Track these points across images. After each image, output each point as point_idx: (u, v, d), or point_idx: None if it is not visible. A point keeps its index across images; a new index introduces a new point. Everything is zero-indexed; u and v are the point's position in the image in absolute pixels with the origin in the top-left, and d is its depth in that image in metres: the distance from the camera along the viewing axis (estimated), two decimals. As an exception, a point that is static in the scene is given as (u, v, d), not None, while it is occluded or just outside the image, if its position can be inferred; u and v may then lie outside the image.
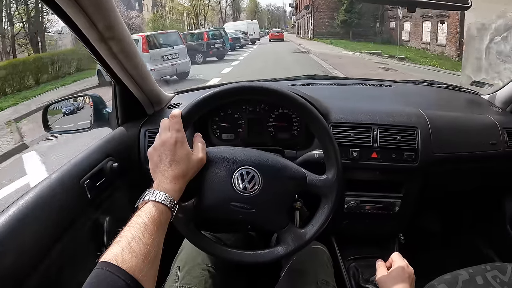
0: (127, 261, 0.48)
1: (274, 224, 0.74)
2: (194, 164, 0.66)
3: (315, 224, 0.73)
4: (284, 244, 0.73)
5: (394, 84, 1.42)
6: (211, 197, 0.71)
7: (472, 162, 1.08)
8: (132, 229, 0.53)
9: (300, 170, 0.73)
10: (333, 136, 0.73)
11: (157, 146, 0.66)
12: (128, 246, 0.50)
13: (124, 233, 0.53)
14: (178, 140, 0.65)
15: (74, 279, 0.81)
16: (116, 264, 0.48)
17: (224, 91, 0.73)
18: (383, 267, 0.81)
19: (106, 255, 0.49)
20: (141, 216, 0.56)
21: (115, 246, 0.50)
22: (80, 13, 0.72)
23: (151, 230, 0.54)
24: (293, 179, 0.72)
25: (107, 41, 0.82)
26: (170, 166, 0.64)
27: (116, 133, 1.08)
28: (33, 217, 0.70)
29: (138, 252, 0.50)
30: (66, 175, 0.83)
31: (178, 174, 0.64)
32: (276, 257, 0.72)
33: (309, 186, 0.72)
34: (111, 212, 0.96)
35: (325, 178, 0.73)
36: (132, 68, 0.96)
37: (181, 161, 0.64)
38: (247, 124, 1.12)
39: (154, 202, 0.59)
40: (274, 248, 0.73)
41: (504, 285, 0.81)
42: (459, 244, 1.52)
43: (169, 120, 0.68)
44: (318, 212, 0.74)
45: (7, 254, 0.62)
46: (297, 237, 0.72)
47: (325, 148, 0.74)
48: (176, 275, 0.83)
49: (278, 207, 0.72)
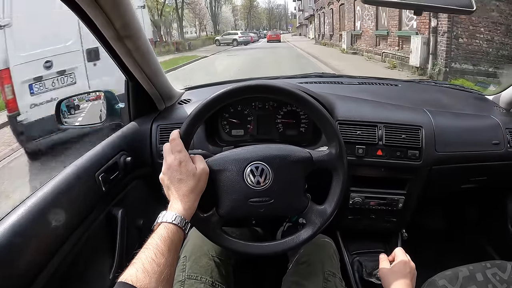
0: (141, 281, 0.52)
1: (295, 208, 0.76)
2: (199, 177, 0.70)
3: (332, 197, 0.75)
4: (310, 223, 0.75)
5: (400, 83, 1.43)
6: (229, 200, 0.73)
7: (475, 162, 1.10)
8: (146, 250, 0.57)
9: (305, 151, 0.75)
10: (332, 119, 0.75)
11: (165, 170, 0.70)
12: (142, 267, 0.54)
13: (139, 255, 0.57)
14: (182, 160, 0.69)
15: (89, 268, 0.85)
16: (131, 284, 0.51)
17: (218, 97, 0.73)
18: (385, 261, 0.83)
19: (123, 276, 0.53)
20: (154, 238, 0.60)
21: (130, 268, 0.54)
22: (99, 12, 0.75)
23: (163, 251, 0.58)
24: (300, 161, 0.74)
25: (123, 39, 0.85)
26: (179, 185, 0.68)
27: (128, 128, 1.10)
28: (51, 209, 0.73)
29: (151, 272, 0.54)
30: (82, 168, 0.86)
31: (187, 191, 0.68)
32: (307, 238, 0.74)
33: (317, 163, 0.75)
34: (124, 204, 0.99)
35: (329, 152, 0.75)
36: (146, 65, 0.98)
37: (188, 178, 0.68)
38: (256, 121, 1.14)
39: (166, 223, 0.63)
40: (299, 232, 0.75)
41: (504, 282, 0.82)
42: (461, 241, 1.54)
43: (170, 144, 0.71)
44: (332, 186, 0.76)
45: (26, 246, 0.66)
46: (320, 214, 0.75)
47: (325, 130, 0.76)
48: (183, 265, 0.86)
49: (294, 192, 0.75)
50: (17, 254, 0.63)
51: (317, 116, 0.75)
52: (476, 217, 1.52)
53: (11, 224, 0.64)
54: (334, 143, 0.75)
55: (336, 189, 0.75)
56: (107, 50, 0.90)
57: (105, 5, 0.74)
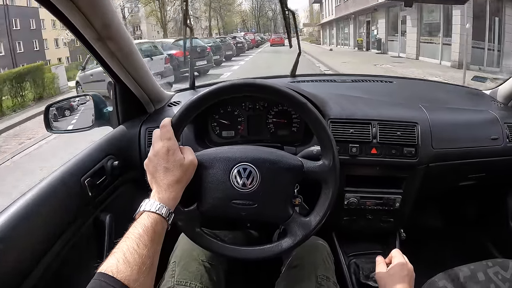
0: (122, 272, 0.50)
1: (278, 217, 0.74)
2: (187, 168, 0.67)
3: (319, 211, 0.72)
4: (291, 234, 0.72)
5: (395, 80, 1.42)
6: (212, 198, 0.71)
7: (473, 158, 1.08)
8: (127, 240, 0.55)
9: (296, 159, 0.73)
10: (326, 124, 0.72)
11: (151, 156, 0.67)
12: (123, 257, 0.52)
13: (120, 244, 0.54)
14: (170, 148, 0.66)
15: (76, 275, 0.83)
16: (111, 275, 0.49)
17: (211, 92, 0.72)
18: (382, 264, 0.80)
19: (102, 266, 0.51)
20: (136, 227, 0.57)
21: (111, 258, 0.52)
22: (77, 13, 0.73)
23: (145, 241, 0.55)
24: (291, 169, 0.72)
25: (105, 40, 0.83)
26: (165, 174, 0.65)
27: (116, 131, 1.09)
28: (35, 215, 0.71)
29: (132, 263, 0.52)
30: (67, 173, 0.84)
31: (173, 181, 0.65)
32: (285, 249, 0.72)
33: (307, 173, 0.72)
34: (111, 210, 0.97)
35: (322, 163, 0.72)
36: (130, 67, 0.96)
37: (175, 168, 0.66)
38: (247, 121, 1.12)
39: (149, 212, 0.60)
40: (281, 240, 0.73)
41: (506, 281, 0.80)
42: (461, 240, 1.52)
43: (160, 130, 0.69)
44: (320, 198, 0.73)
45: (9, 252, 0.64)
46: (303, 226, 0.72)
47: (319, 136, 0.73)
48: (173, 270, 0.84)
49: (280, 199, 0.72)
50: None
51: (314, 125, 0.72)
52: (475, 214, 1.50)
53: None
54: (328, 155, 0.72)
55: (324, 203, 0.72)
56: (90, 52, 0.88)
57: (83, 6, 0.72)
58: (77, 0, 0.70)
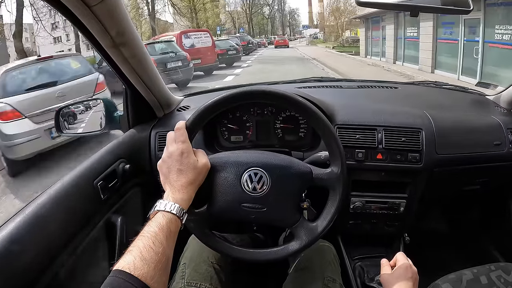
0: (139, 269, 0.51)
1: (286, 221, 0.76)
2: (200, 171, 0.69)
3: (326, 216, 0.75)
4: (297, 239, 0.74)
5: (400, 86, 1.43)
6: (222, 201, 0.73)
7: (477, 163, 1.09)
8: (143, 238, 0.56)
9: (306, 166, 0.75)
10: (336, 133, 0.75)
11: (165, 158, 0.69)
12: (139, 255, 0.53)
13: (135, 242, 0.56)
14: (184, 150, 0.68)
15: (87, 277, 0.85)
16: (128, 272, 0.50)
17: (226, 98, 0.74)
18: (387, 266, 0.81)
19: (119, 264, 0.52)
20: (151, 226, 0.59)
21: (127, 255, 0.53)
22: (93, 20, 0.75)
23: (161, 239, 0.57)
24: (300, 175, 0.74)
25: (119, 47, 0.85)
26: (178, 176, 0.67)
27: (127, 135, 1.11)
28: (49, 217, 0.73)
29: (149, 260, 0.53)
30: (80, 177, 0.86)
31: (186, 183, 0.67)
32: (291, 253, 0.74)
33: (316, 180, 0.74)
34: (123, 212, 0.98)
35: (330, 171, 0.75)
36: (143, 72, 0.98)
37: (188, 170, 0.67)
38: (255, 126, 1.14)
39: (164, 212, 0.62)
40: (287, 244, 0.75)
41: (508, 285, 0.81)
42: (464, 244, 1.52)
43: (174, 133, 0.71)
44: (327, 204, 0.76)
45: (25, 253, 0.65)
46: (309, 231, 0.74)
47: (328, 144, 0.75)
48: (183, 272, 0.86)
49: (288, 204, 0.74)
50: (15, 262, 0.63)
51: (324, 133, 0.75)
52: (479, 219, 1.50)
53: (8, 232, 0.64)
54: (337, 163, 0.74)
55: (331, 209, 0.75)
56: (104, 58, 0.90)
57: (100, 14, 0.74)
58: (94, 9, 0.72)
